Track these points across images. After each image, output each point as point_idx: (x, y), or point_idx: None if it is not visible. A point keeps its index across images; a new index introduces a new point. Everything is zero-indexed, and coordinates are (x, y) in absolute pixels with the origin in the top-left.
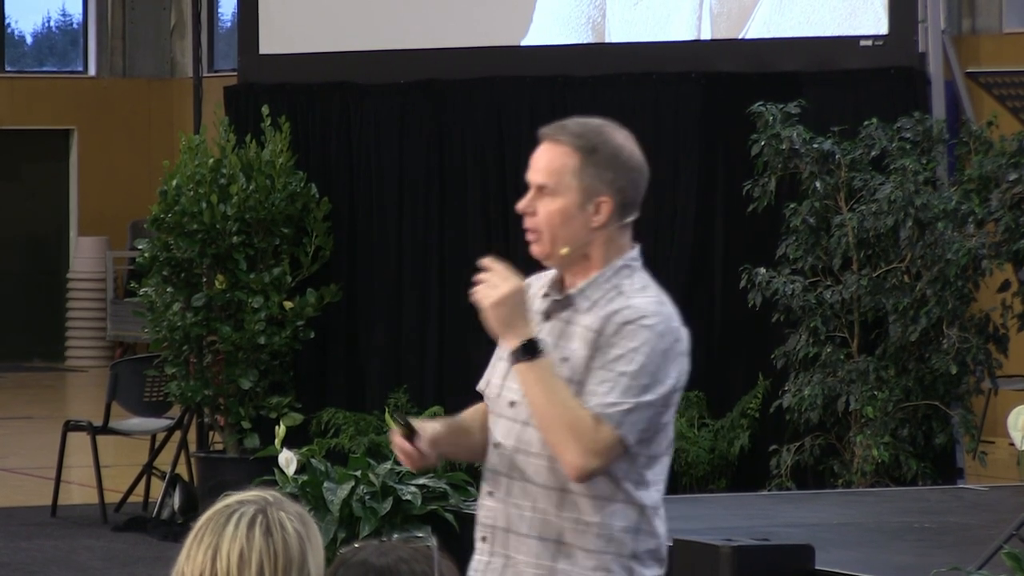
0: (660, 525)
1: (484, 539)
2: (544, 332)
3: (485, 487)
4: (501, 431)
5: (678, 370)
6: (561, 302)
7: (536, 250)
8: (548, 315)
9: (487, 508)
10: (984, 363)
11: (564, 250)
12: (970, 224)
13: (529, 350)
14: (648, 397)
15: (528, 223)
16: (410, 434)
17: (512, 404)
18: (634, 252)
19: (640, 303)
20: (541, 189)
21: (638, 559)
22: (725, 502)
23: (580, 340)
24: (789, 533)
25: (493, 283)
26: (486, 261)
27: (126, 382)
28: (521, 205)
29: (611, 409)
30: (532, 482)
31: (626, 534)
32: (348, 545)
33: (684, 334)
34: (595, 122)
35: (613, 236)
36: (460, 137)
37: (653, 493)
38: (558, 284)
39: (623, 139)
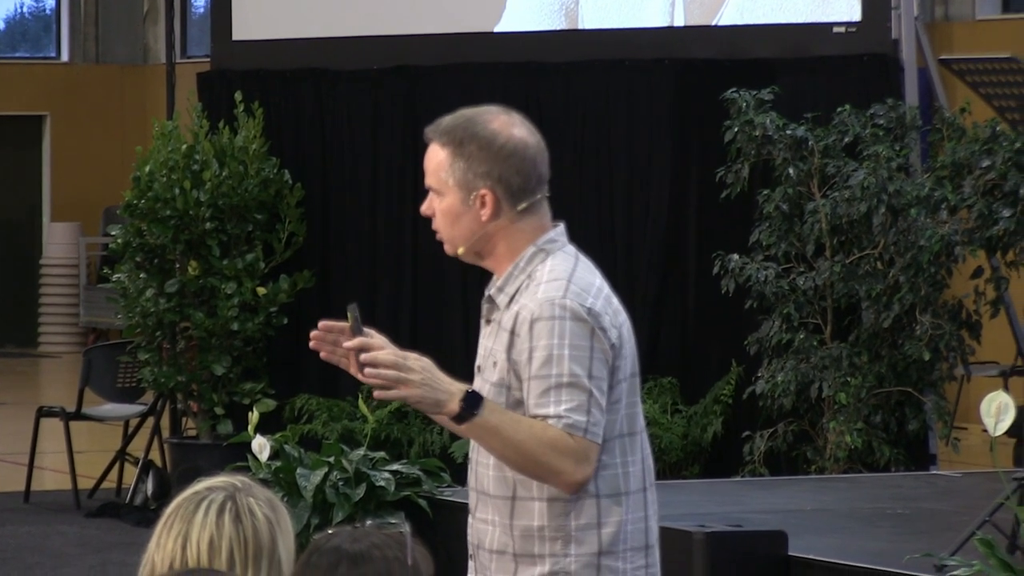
0: (632, 510)
1: (471, 556)
2: (486, 336)
3: (468, 505)
4: (472, 445)
5: (605, 346)
6: (490, 303)
7: (447, 250)
8: (488, 319)
9: (470, 525)
10: (957, 350)
11: (460, 249)
12: (943, 211)
13: (472, 405)
14: (590, 384)
15: (433, 225)
16: (355, 329)
17: None
18: (549, 234)
19: (544, 293)
20: (432, 190)
21: (611, 554)
22: (698, 488)
23: (501, 341)
24: (762, 519)
25: (391, 371)
26: (354, 344)
27: (99, 368)
28: (423, 208)
29: (573, 415)
30: (488, 495)
31: (587, 531)
32: (321, 531)
33: (601, 305)
34: (468, 113)
35: (512, 226)
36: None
37: (612, 482)
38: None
39: (499, 125)
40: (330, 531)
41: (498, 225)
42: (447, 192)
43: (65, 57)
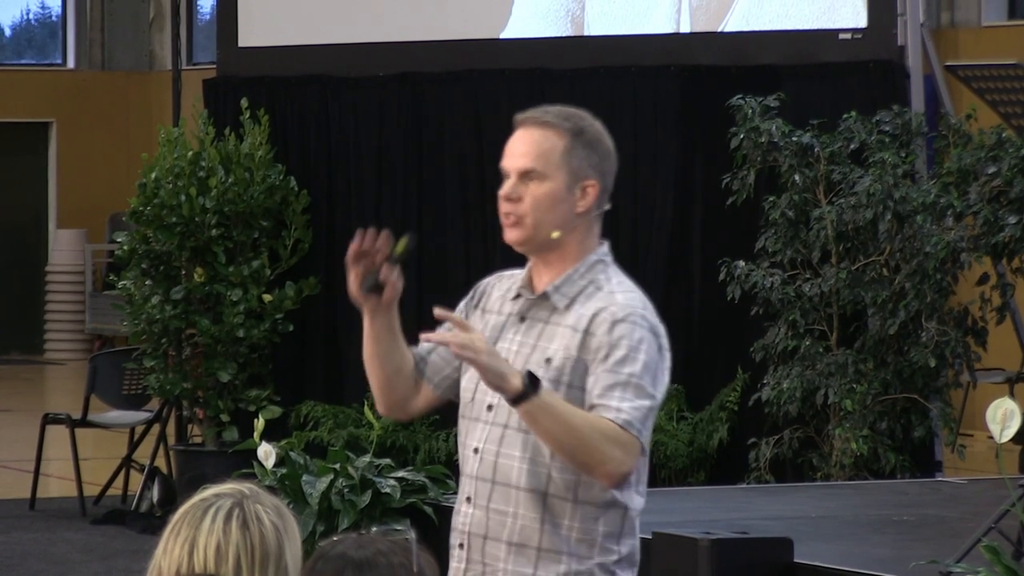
0: (638, 527)
1: (461, 546)
2: (520, 333)
3: (463, 492)
4: (478, 435)
5: (668, 367)
6: (536, 301)
7: (515, 235)
8: (523, 316)
9: (464, 514)
10: (963, 356)
11: (555, 233)
12: (949, 217)
13: (534, 383)
14: (656, 399)
15: (507, 208)
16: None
17: (490, 408)
18: (605, 247)
19: (625, 300)
20: (527, 174)
21: (620, 564)
22: (704, 495)
23: (563, 340)
24: (768, 526)
25: (467, 336)
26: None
27: (105, 375)
28: (505, 190)
29: (633, 413)
30: (515, 487)
31: (609, 539)
32: (327, 538)
33: (664, 331)
34: (573, 109)
35: (591, 225)
36: (439, 130)
37: (635, 496)
38: (528, 284)
39: (601, 126)
40: (336, 538)
41: (584, 220)
42: (553, 176)
43: (71, 64)
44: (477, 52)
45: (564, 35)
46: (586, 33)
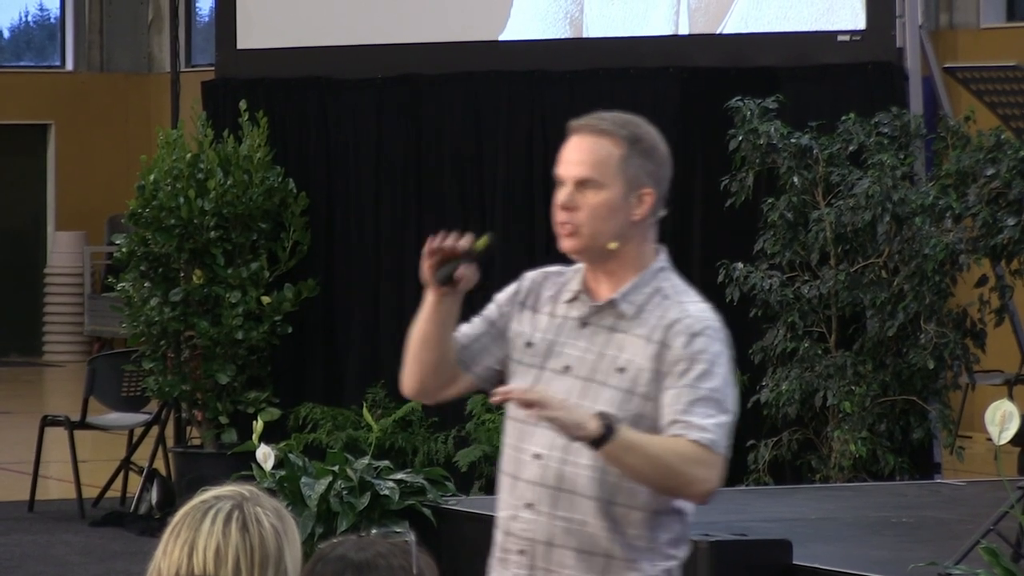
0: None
1: (522, 552)
2: (584, 339)
3: (521, 499)
4: (541, 442)
5: (732, 377)
6: (601, 308)
7: (571, 244)
8: (585, 322)
9: (526, 521)
10: (961, 358)
11: (612, 244)
12: (947, 219)
13: (610, 424)
14: (731, 412)
15: (564, 217)
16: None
17: None
18: (664, 253)
19: (699, 311)
20: (583, 183)
21: (679, 565)
22: None
23: (635, 349)
24: (767, 528)
25: (538, 393)
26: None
27: (104, 377)
28: (562, 199)
29: (716, 431)
30: (582, 495)
31: (670, 546)
32: (326, 540)
33: None
34: (629, 116)
35: (649, 232)
36: (437, 132)
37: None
38: (586, 289)
39: (656, 133)
40: (335, 540)
41: (641, 228)
42: (610, 185)
43: (70, 66)
44: (476, 54)
45: (563, 37)
46: (585, 35)
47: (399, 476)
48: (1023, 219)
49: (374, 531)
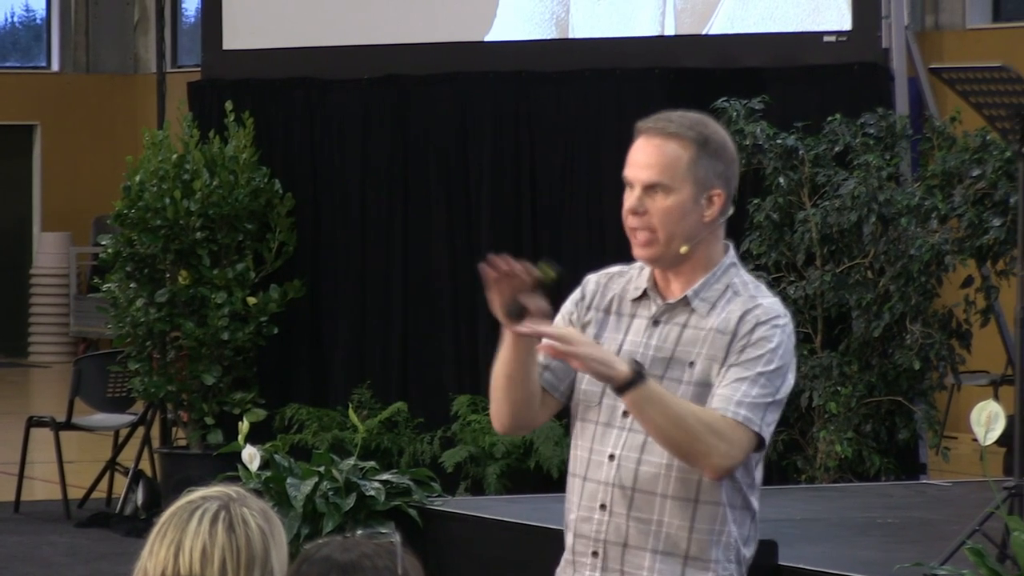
0: None
1: (595, 554)
2: (655, 338)
3: (594, 499)
4: (614, 442)
5: (795, 370)
6: (673, 305)
7: (647, 253)
8: (657, 320)
9: (598, 522)
10: (947, 359)
11: (684, 248)
12: (933, 220)
13: (641, 371)
14: (779, 396)
15: (634, 223)
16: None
17: (626, 414)
18: (732, 249)
19: (769, 304)
20: (652, 187)
21: (747, 562)
22: None
23: (706, 343)
24: None
25: (564, 330)
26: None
27: (89, 378)
28: (631, 204)
29: (751, 410)
30: (660, 494)
31: (741, 542)
32: (311, 541)
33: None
34: (696, 115)
35: (718, 231)
36: (423, 133)
37: (758, 500)
38: (655, 287)
39: (722, 130)
40: (320, 541)
41: (712, 228)
42: (680, 188)
43: (56, 67)
44: (462, 54)
45: (549, 38)
46: (571, 36)
47: (385, 477)
48: (1008, 220)
49: (360, 532)
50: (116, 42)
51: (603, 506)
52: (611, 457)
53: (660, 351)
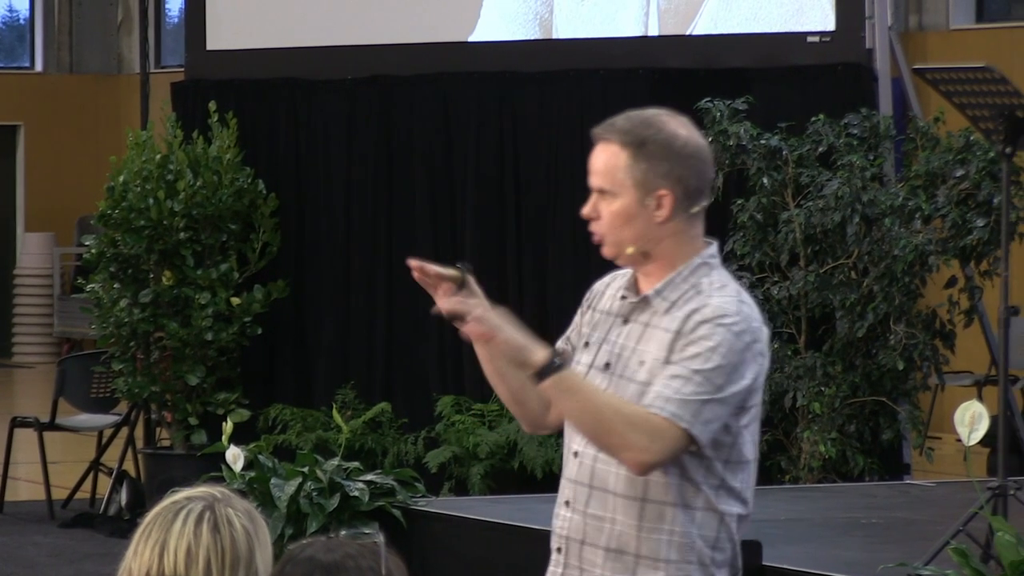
0: (737, 533)
1: (559, 550)
2: (622, 336)
3: (562, 496)
4: (579, 439)
5: (755, 371)
6: (639, 304)
7: (605, 253)
8: (627, 319)
9: (563, 518)
10: (931, 359)
11: (630, 249)
12: (917, 220)
13: (558, 359)
14: (721, 395)
15: (593, 227)
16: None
17: None
18: (711, 249)
19: (719, 302)
20: (601, 192)
21: (716, 565)
22: None
23: (657, 342)
24: None
25: (476, 313)
26: (416, 263)
27: (73, 378)
28: (585, 211)
29: (679, 406)
30: (612, 492)
31: (705, 544)
32: (295, 541)
33: (764, 334)
34: (646, 114)
35: (683, 229)
36: (408, 133)
37: (732, 501)
38: (633, 286)
39: (677, 126)
40: (304, 541)
41: (670, 228)
42: (622, 193)
43: (39, 67)
44: (446, 55)
45: (533, 38)
46: (554, 36)
47: (369, 477)
48: (992, 220)
49: (344, 532)
50: (100, 42)
51: (567, 503)
52: (575, 454)
53: (624, 349)
